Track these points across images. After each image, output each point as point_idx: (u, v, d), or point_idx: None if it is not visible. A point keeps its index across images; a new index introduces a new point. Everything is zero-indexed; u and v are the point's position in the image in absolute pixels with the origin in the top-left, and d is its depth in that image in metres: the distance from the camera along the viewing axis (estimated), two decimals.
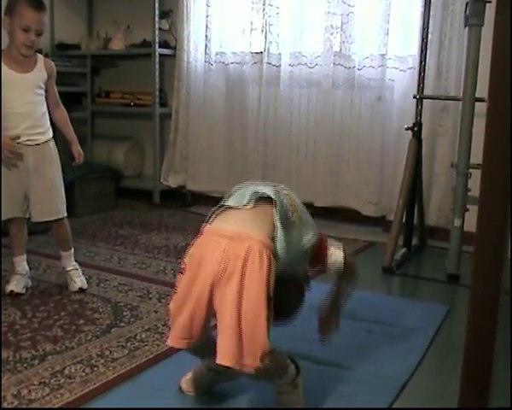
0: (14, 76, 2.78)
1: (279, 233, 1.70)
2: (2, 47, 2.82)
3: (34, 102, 2.85)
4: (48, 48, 5.20)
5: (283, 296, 1.74)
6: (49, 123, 2.93)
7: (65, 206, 2.99)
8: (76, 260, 3.07)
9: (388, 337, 2.47)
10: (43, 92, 2.89)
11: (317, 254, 1.89)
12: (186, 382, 2.06)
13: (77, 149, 3.03)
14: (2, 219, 2.88)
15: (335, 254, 1.93)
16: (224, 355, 1.64)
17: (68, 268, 3.01)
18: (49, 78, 2.91)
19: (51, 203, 2.92)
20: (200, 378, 2.05)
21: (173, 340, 1.76)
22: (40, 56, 2.90)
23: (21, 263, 2.97)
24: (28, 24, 2.70)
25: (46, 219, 2.94)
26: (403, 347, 2.39)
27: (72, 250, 3.07)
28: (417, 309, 2.83)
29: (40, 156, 2.87)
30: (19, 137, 2.79)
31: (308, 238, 1.81)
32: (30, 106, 2.83)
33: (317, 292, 1.90)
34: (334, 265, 1.92)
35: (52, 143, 2.93)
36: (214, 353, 1.67)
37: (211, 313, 1.71)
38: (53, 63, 2.96)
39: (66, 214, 2.99)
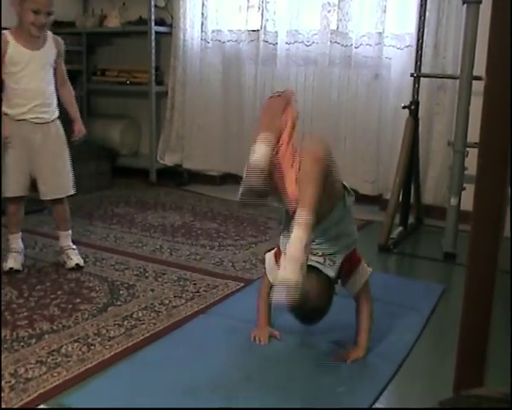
0: (26, 53, 2.80)
1: None
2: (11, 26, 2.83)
3: (45, 80, 2.88)
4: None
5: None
6: (56, 101, 2.94)
7: (70, 183, 3.00)
8: (72, 239, 3.06)
9: (385, 315, 2.47)
10: (52, 70, 2.90)
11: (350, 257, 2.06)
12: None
13: (79, 126, 3.05)
14: (8, 195, 2.89)
15: (365, 268, 2.13)
16: None
17: (65, 247, 3.02)
18: (59, 55, 2.94)
19: (60, 181, 2.96)
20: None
21: None
22: (49, 34, 2.91)
23: (17, 241, 2.98)
24: (39, 6, 2.72)
25: (55, 197, 2.97)
26: (399, 325, 2.40)
27: (70, 231, 3.08)
28: (413, 287, 2.84)
29: (47, 134, 2.89)
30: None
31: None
32: (41, 83, 2.86)
33: None
34: (360, 276, 2.11)
35: (58, 122, 2.96)
36: None
37: None
38: (62, 40, 2.98)
39: (73, 192, 3.02)
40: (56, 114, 2.94)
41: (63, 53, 2.98)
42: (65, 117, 3.03)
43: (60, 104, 2.99)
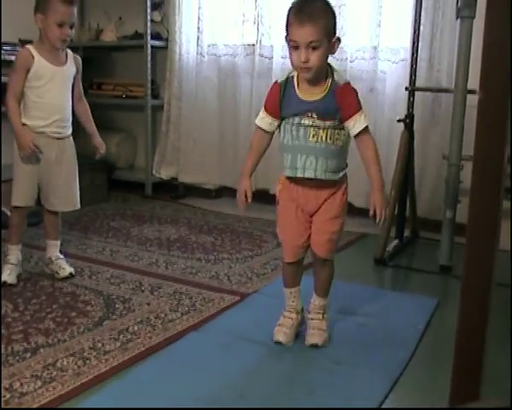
0: (51, 68, 2.84)
1: None
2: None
3: (65, 96, 2.92)
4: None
5: None
6: (71, 118, 2.98)
7: (78, 198, 3.06)
8: (67, 252, 3.07)
9: (380, 331, 2.48)
10: (71, 86, 2.95)
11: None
12: (285, 335, 2.33)
13: (99, 140, 3.11)
14: (17, 204, 2.91)
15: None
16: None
17: (54, 258, 3.03)
18: (77, 72, 2.97)
19: (72, 195, 3.01)
20: (295, 326, 2.37)
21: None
22: (69, 51, 2.96)
23: (16, 252, 2.98)
24: (63, 19, 2.77)
25: (66, 210, 3.04)
26: (395, 340, 2.40)
27: (59, 242, 3.09)
28: (408, 302, 2.84)
29: (63, 149, 2.94)
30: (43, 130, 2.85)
31: None
32: (63, 99, 2.90)
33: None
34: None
35: (72, 139, 3.01)
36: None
37: None
38: (80, 58, 3.02)
39: (79, 206, 3.08)
40: (71, 129, 2.99)
41: (81, 70, 3.01)
42: (76, 133, 3.07)
43: (74, 120, 3.03)
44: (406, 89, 3.60)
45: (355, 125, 2.16)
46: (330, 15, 2.11)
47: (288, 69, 2.28)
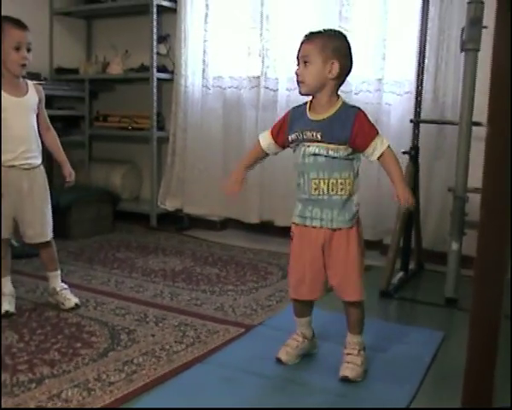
0: (12, 100, 2.83)
1: None
2: None
3: (30, 126, 2.90)
4: (47, 72, 5.23)
5: None
6: (40, 147, 2.97)
7: (51, 227, 3.03)
8: (72, 283, 3.06)
9: (386, 364, 2.46)
10: (35, 116, 2.94)
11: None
12: (287, 354, 2.42)
13: (68, 169, 3.09)
14: None
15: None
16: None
17: (58, 288, 3.04)
18: (40, 101, 2.97)
19: (43, 226, 2.98)
20: (300, 348, 2.44)
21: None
22: (29, 81, 2.96)
23: (8, 283, 2.98)
24: (19, 40, 2.77)
25: (43, 240, 2.99)
26: (401, 373, 2.38)
27: (59, 271, 3.09)
28: (414, 335, 2.81)
29: (33, 180, 2.92)
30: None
31: None
32: (27, 129, 2.89)
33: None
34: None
35: (42, 168, 2.99)
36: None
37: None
38: (41, 87, 3.02)
39: (52, 236, 3.03)
40: (40, 159, 2.97)
41: (44, 99, 3.01)
42: (47, 162, 3.05)
43: (44, 150, 3.02)
44: (411, 121, 3.62)
45: (374, 151, 2.23)
46: (334, 41, 2.23)
47: (293, 102, 2.37)
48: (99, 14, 5.50)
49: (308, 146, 2.25)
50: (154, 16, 4.80)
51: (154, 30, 4.82)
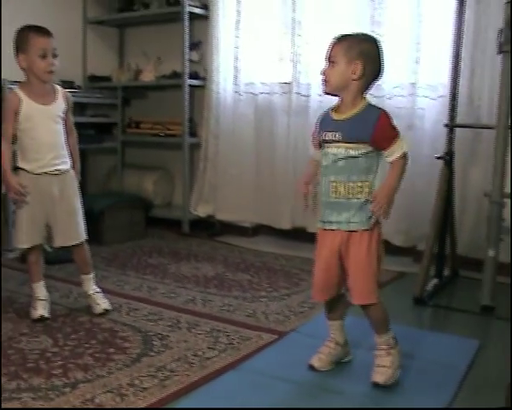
0: (39, 108, 2.86)
1: None
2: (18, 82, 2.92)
3: (57, 133, 2.93)
4: (80, 80, 5.28)
5: None
6: (69, 152, 2.99)
7: (84, 229, 3.04)
8: (105, 288, 3.08)
9: (420, 372, 2.42)
10: (62, 122, 2.96)
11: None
12: (319, 360, 2.42)
13: (77, 167, 3.08)
14: (26, 246, 2.94)
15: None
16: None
17: (90, 292, 3.06)
18: (67, 107, 2.99)
19: (76, 228, 3.00)
20: (333, 354, 2.43)
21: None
22: (58, 87, 2.98)
23: (42, 289, 3.01)
24: (44, 48, 2.80)
25: (71, 244, 3.00)
26: (435, 382, 2.34)
27: (93, 274, 3.11)
28: (449, 343, 2.77)
29: (64, 184, 2.94)
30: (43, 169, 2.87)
31: None
32: (54, 136, 2.91)
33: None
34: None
35: (72, 172, 3.01)
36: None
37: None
38: (70, 94, 3.06)
39: (86, 237, 3.05)
40: (69, 163, 2.99)
41: (71, 106, 3.04)
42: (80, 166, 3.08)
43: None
44: (446, 125, 3.57)
45: (391, 154, 2.25)
46: (361, 44, 2.24)
47: (325, 107, 2.37)
48: (131, 22, 5.54)
49: (328, 147, 2.27)
50: (186, 23, 4.82)
51: (186, 37, 4.84)
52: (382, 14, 4.12)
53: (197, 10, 4.93)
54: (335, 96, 2.31)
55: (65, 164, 2.95)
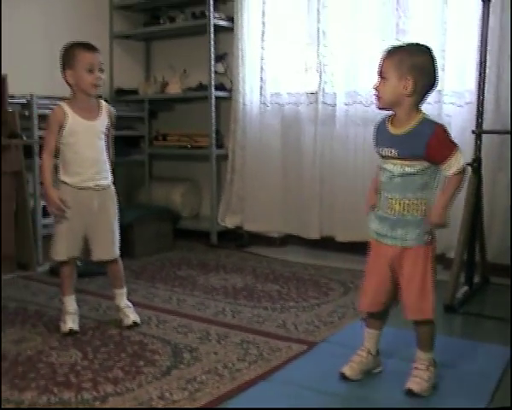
0: (85, 123, 2.89)
1: None
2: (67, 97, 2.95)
3: (100, 148, 2.96)
4: (107, 93, 5.33)
5: None
6: (109, 167, 3.02)
7: (119, 246, 3.08)
8: (135, 301, 3.10)
9: (453, 381, 2.40)
10: (105, 138, 2.99)
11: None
12: (350, 369, 2.40)
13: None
14: (63, 259, 2.97)
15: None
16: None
17: (122, 305, 3.07)
18: (111, 123, 3.03)
19: (112, 244, 3.02)
20: (364, 363, 2.42)
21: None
22: (103, 103, 3.02)
23: (73, 302, 3.03)
24: (91, 62, 2.84)
25: (108, 258, 3.03)
26: (469, 391, 2.32)
27: (126, 289, 3.13)
28: (481, 351, 2.74)
29: (104, 199, 2.97)
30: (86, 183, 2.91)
31: None
32: (97, 152, 2.94)
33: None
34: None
35: (113, 187, 3.04)
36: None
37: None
38: (114, 109, 3.08)
39: (119, 254, 3.08)
40: (111, 178, 3.02)
41: (114, 122, 3.07)
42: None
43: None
44: (473, 132, 3.54)
45: (449, 168, 2.18)
46: (413, 57, 2.18)
47: (352, 116, 2.36)
48: (157, 35, 5.60)
49: (385, 163, 2.26)
50: (212, 36, 4.85)
51: (212, 49, 4.87)
52: (407, 22, 4.11)
53: (222, 23, 4.96)
54: (390, 110, 2.29)
55: (106, 179, 2.98)
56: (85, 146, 2.89)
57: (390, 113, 2.30)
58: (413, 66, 2.16)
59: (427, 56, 2.21)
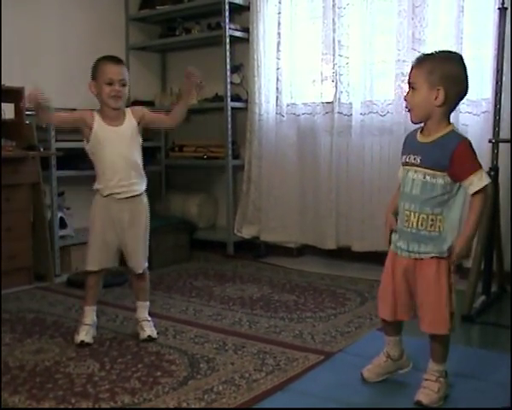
0: (109, 129, 2.93)
1: None
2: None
3: (129, 154, 2.98)
4: (123, 105, 5.34)
5: None
6: (143, 174, 3.04)
7: (147, 259, 3.12)
8: (152, 312, 3.11)
9: (471, 391, 2.38)
10: (135, 143, 3.01)
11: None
12: (368, 371, 2.44)
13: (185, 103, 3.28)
14: (94, 269, 2.99)
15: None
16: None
17: (141, 318, 3.07)
18: (142, 118, 3.04)
19: (142, 257, 3.07)
20: (383, 367, 2.44)
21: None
22: (127, 109, 3.04)
23: (92, 313, 3.04)
24: (110, 76, 2.88)
25: (138, 271, 3.06)
26: (487, 402, 2.30)
27: (148, 303, 3.13)
28: (498, 360, 2.71)
29: (134, 211, 3.00)
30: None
31: None
32: (124, 157, 2.96)
33: None
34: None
35: (145, 198, 3.05)
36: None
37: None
38: (138, 107, 3.17)
39: (147, 266, 3.12)
40: (143, 187, 3.04)
41: (146, 110, 3.10)
42: (148, 189, 3.10)
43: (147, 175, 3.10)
44: (490, 141, 3.53)
45: (470, 186, 2.17)
46: (444, 66, 2.15)
47: (368, 126, 2.35)
48: (173, 47, 5.63)
49: (408, 171, 2.24)
50: (227, 47, 4.88)
51: (228, 60, 4.89)
52: (423, 31, 4.10)
53: (238, 34, 4.98)
54: (423, 123, 2.26)
55: (134, 186, 2.99)
56: (110, 152, 2.92)
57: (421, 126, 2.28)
58: (444, 75, 2.12)
59: (458, 64, 2.17)
